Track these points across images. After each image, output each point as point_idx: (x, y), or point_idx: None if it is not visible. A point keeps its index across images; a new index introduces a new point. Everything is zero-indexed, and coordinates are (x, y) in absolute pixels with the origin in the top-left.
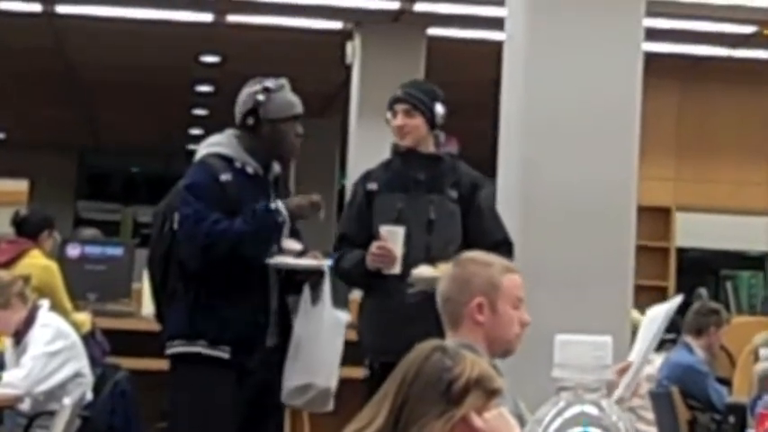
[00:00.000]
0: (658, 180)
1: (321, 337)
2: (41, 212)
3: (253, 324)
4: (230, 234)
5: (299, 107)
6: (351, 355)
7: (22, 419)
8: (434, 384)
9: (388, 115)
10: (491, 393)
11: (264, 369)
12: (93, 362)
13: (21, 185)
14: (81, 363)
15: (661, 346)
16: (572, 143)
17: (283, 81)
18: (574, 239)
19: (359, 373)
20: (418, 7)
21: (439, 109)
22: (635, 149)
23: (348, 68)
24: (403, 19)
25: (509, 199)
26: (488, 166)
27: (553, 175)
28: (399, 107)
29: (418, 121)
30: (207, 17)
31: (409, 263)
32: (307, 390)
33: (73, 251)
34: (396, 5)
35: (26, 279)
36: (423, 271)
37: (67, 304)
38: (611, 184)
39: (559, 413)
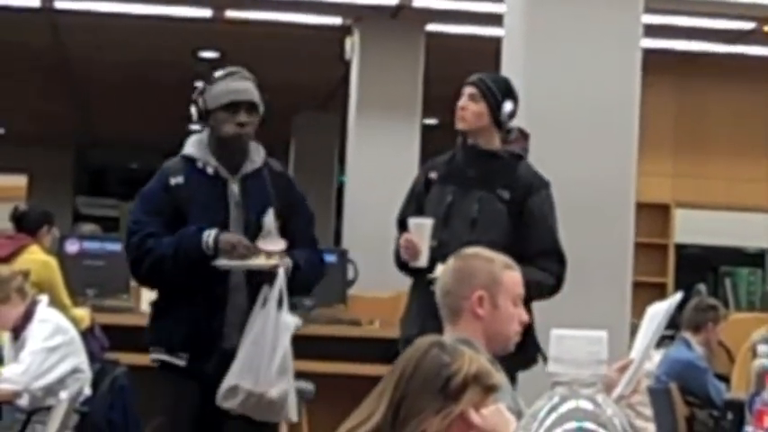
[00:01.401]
0: (656, 176)
1: (260, 341)
2: (40, 208)
3: (206, 328)
4: (154, 253)
5: (238, 94)
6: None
7: (20, 415)
8: (432, 380)
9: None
10: (489, 389)
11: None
12: (92, 357)
13: (19, 181)
14: (80, 358)
15: (660, 342)
16: (570, 139)
17: (235, 69)
18: (572, 236)
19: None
20: (417, 3)
21: (507, 106)
22: (633, 145)
23: (347, 64)
24: (402, 14)
25: None
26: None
27: (551, 171)
28: (467, 89)
29: (481, 109)
30: (206, 12)
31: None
32: (235, 392)
33: (72, 247)
34: (395, 1)
35: (25, 274)
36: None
37: (66, 300)
38: (610, 181)
39: (554, 408)
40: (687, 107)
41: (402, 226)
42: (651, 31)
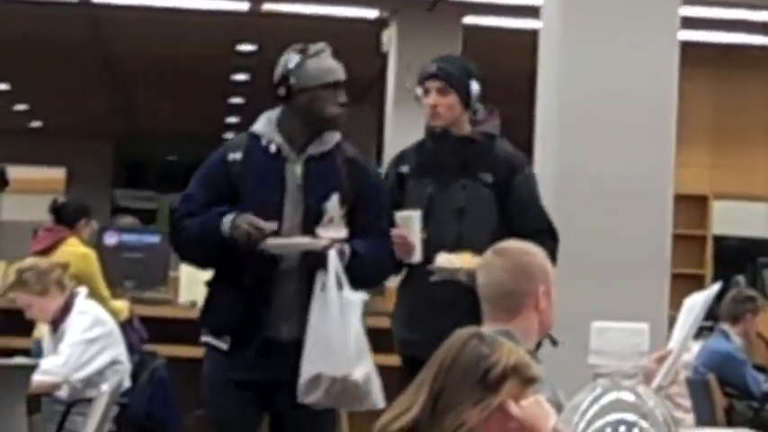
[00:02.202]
0: (695, 168)
1: (328, 324)
2: (79, 200)
3: (249, 313)
4: (183, 234)
5: (338, 73)
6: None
7: (59, 406)
8: (471, 372)
9: (419, 91)
10: (528, 381)
11: (272, 366)
12: (131, 349)
13: (58, 173)
14: (118, 350)
15: (698, 333)
16: (608, 131)
17: (322, 45)
18: (610, 228)
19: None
20: None
21: (474, 87)
22: (671, 137)
23: (384, 57)
24: (439, 7)
25: (545, 188)
26: (527, 153)
27: (589, 163)
28: (432, 84)
29: (452, 100)
30: (243, 6)
31: (438, 252)
32: (317, 382)
33: (110, 239)
34: None
35: (64, 267)
36: (444, 261)
37: (105, 292)
38: (648, 173)
39: (596, 400)
40: (725, 99)
41: None
42: (689, 23)
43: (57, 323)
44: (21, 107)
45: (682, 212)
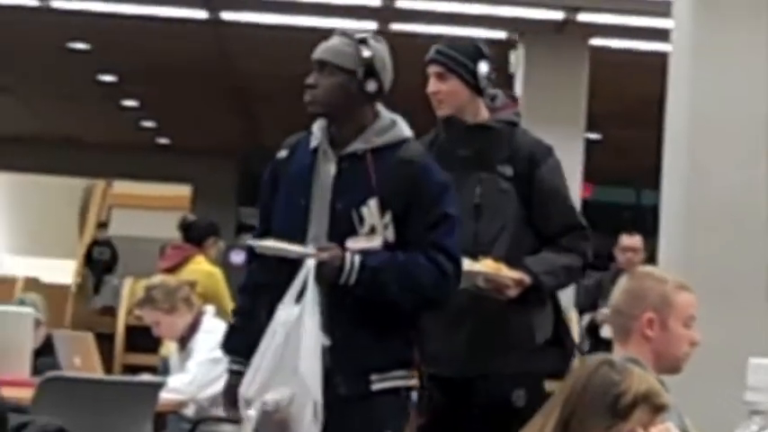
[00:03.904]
0: None
1: (266, 340)
2: (207, 219)
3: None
4: (236, 309)
5: None
6: None
7: (186, 425)
8: (602, 398)
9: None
10: (658, 409)
11: None
12: None
13: (184, 191)
14: None
15: None
16: (738, 153)
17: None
18: (743, 251)
19: None
20: (582, 17)
21: (482, 68)
22: None
23: (511, 78)
24: (566, 29)
25: (675, 209)
26: (653, 176)
27: (719, 185)
28: (431, 69)
29: (454, 85)
30: (372, 25)
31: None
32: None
33: (237, 258)
34: (559, 16)
35: (192, 285)
36: (464, 265)
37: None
38: None
39: None
40: None
41: None
42: None
43: (184, 341)
44: (148, 124)
45: None
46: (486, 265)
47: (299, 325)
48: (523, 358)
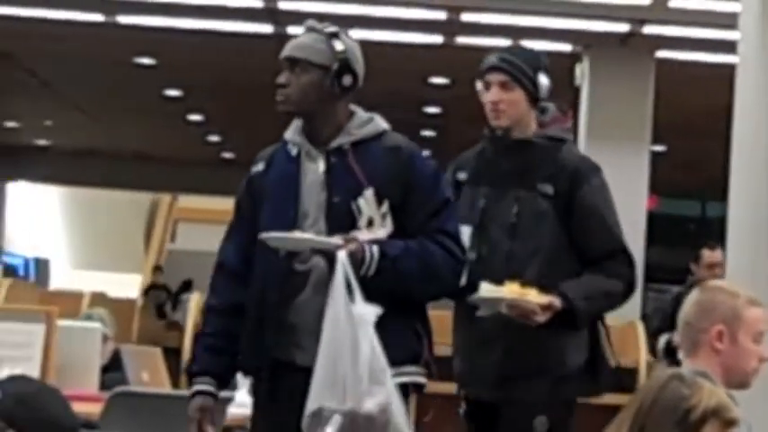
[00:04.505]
0: None
1: (334, 347)
2: None
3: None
4: (204, 326)
5: None
6: None
7: None
8: (671, 412)
9: (479, 86)
10: (728, 423)
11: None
12: None
13: None
14: None
15: None
16: None
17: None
18: None
19: None
20: (647, 30)
21: (543, 80)
22: None
23: (577, 90)
24: (631, 42)
25: (742, 221)
26: (719, 188)
27: None
28: (494, 77)
29: (517, 96)
30: (437, 39)
31: (488, 274)
32: (320, 417)
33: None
34: (625, 28)
35: None
36: (485, 291)
37: None
38: None
39: None
40: None
41: None
42: None
43: None
44: (214, 138)
45: None
46: (510, 290)
47: (371, 321)
48: (550, 385)
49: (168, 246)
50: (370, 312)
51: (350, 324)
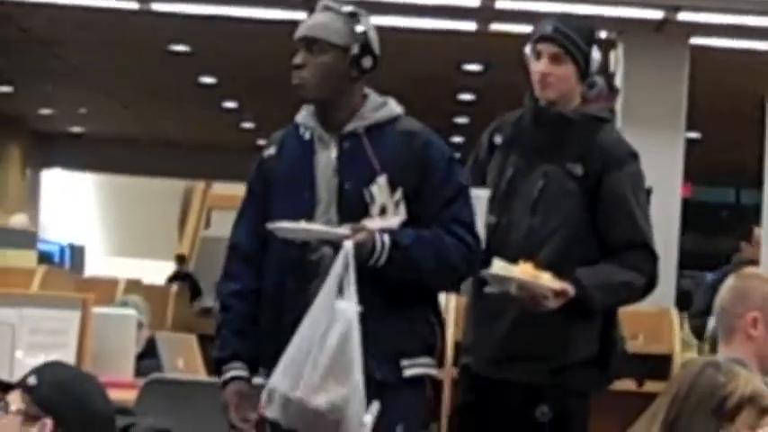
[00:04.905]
0: None
1: (307, 335)
2: None
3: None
4: (220, 322)
5: None
6: None
7: None
8: (707, 400)
9: (527, 51)
10: (764, 411)
11: None
12: None
13: None
14: None
15: None
16: None
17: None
18: None
19: None
20: (682, 16)
21: (595, 55)
22: None
23: (611, 77)
24: (666, 28)
25: None
26: (754, 176)
27: None
28: (546, 48)
29: (568, 70)
30: (471, 26)
31: (505, 246)
32: (273, 395)
33: None
34: (659, 15)
35: None
36: (497, 268)
37: None
38: None
39: None
40: None
41: None
42: None
43: None
44: (248, 125)
45: None
46: (523, 271)
47: (350, 318)
48: (550, 372)
49: (202, 233)
50: (351, 309)
51: (327, 316)
